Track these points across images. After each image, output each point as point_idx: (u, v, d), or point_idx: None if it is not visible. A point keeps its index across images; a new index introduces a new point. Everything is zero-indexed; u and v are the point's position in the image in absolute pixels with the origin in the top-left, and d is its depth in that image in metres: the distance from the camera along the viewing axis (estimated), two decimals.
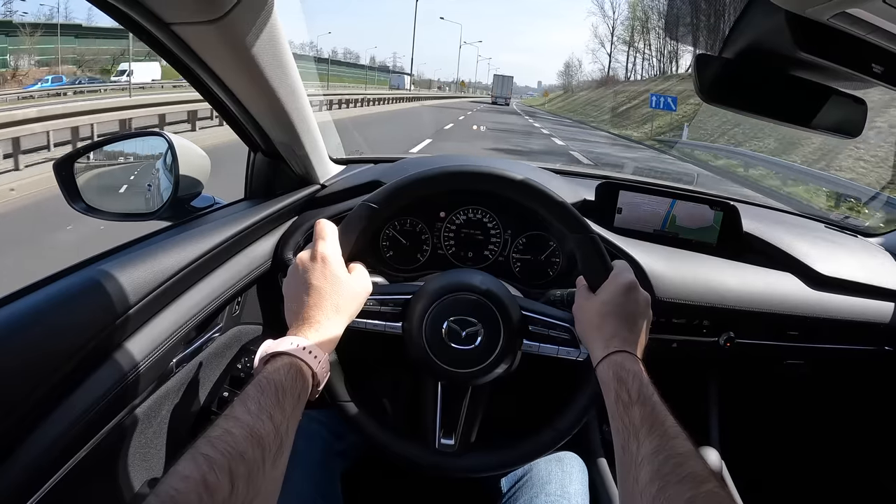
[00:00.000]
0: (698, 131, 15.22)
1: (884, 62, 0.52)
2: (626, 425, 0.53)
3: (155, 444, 0.75)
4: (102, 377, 0.58)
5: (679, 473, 0.45)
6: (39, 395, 0.50)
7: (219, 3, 0.56)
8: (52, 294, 0.56)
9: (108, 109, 7.56)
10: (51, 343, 0.52)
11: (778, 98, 0.64)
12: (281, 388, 0.50)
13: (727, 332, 0.97)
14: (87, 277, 0.58)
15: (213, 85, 0.74)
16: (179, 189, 0.89)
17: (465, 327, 0.70)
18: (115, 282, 0.59)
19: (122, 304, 0.60)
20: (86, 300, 0.56)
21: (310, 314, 0.60)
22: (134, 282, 0.62)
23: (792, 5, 0.47)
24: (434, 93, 50.66)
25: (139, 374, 0.62)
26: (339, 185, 1.07)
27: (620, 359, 0.60)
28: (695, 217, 1.03)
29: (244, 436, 0.44)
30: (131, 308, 0.61)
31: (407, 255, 0.99)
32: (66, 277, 0.59)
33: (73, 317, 0.55)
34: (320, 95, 10.85)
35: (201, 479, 0.39)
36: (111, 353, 0.60)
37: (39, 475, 0.51)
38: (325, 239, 0.65)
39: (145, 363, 0.63)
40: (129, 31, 0.62)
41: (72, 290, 0.57)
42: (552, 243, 0.98)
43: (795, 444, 1.29)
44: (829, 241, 1.13)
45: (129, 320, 0.61)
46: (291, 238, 0.94)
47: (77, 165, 0.88)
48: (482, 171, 0.74)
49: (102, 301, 0.58)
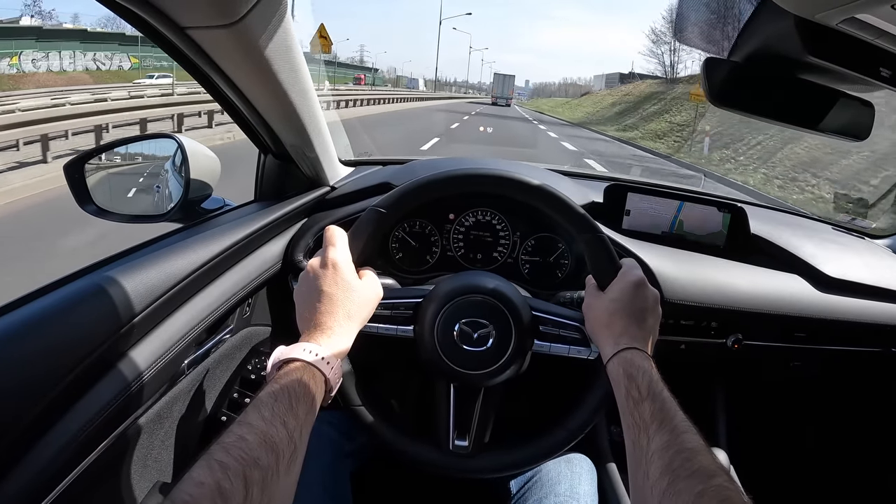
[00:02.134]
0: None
1: (892, 66, 0.53)
2: (636, 421, 0.54)
3: (166, 445, 0.76)
4: (115, 379, 0.58)
5: (689, 468, 0.46)
6: (54, 396, 0.51)
7: (234, 7, 0.56)
8: (66, 296, 0.57)
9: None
10: (65, 346, 0.53)
11: (786, 101, 0.65)
12: (294, 395, 0.51)
13: (735, 334, 0.97)
14: (99, 280, 0.59)
15: (225, 88, 0.74)
16: (190, 191, 0.90)
17: (477, 329, 0.71)
18: (128, 284, 0.60)
19: (135, 307, 0.60)
20: (98, 303, 0.57)
21: (322, 321, 0.61)
22: (147, 284, 0.62)
23: (801, 10, 0.48)
24: (419, 93, 44.42)
25: (151, 376, 0.63)
26: (348, 187, 1.07)
27: (630, 355, 0.61)
28: (703, 219, 1.04)
29: (258, 442, 0.44)
30: (144, 310, 0.61)
31: (416, 257, 1.00)
32: (79, 279, 0.60)
33: (87, 319, 0.56)
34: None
35: (216, 486, 0.39)
36: (124, 355, 0.60)
37: (50, 479, 0.51)
38: (336, 245, 0.65)
39: (157, 365, 0.64)
40: (143, 35, 0.63)
41: (85, 292, 0.57)
42: (561, 245, 0.98)
43: (803, 446, 1.29)
44: (837, 243, 1.13)
45: (142, 322, 0.62)
46: (301, 240, 0.94)
47: (87, 167, 0.89)
48: (490, 174, 0.74)
49: (115, 303, 0.58)
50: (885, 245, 1.20)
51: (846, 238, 1.21)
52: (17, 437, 0.48)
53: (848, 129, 0.67)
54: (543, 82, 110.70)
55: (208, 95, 0.81)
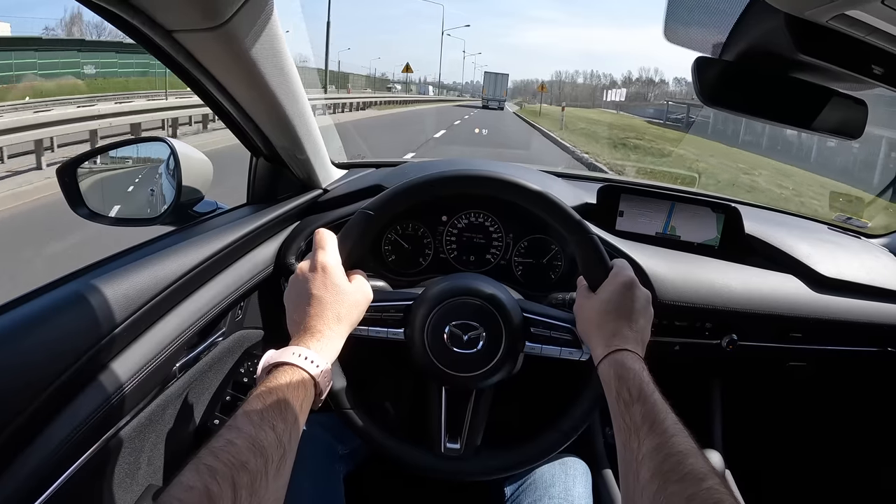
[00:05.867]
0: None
1: (883, 63, 0.52)
2: (627, 424, 0.54)
3: (157, 448, 0.75)
4: (106, 382, 0.58)
5: (679, 471, 0.46)
6: (44, 399, 0.51)
7: (220, 10, 0.57)
8: (56, 299, 0.56)
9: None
10: (56, 346, 0.53)
11: (778, 100, 0.64)
12: (283, 399, 0.51)
13: (730, 335, 0.96)
14: (90, 283, 0.59)
15: (214, 91, 0.74)
16: (182, 194, 0.89)
17: (467, 331, 0.71)
18: (119, 287, 0.60)
19: (126, 309, 0.60)
20: (88, 306, 0.57)
21: (311, 324, 0.60)
22: (138, 287, 0.62)
23: (791, 7, 0.48)
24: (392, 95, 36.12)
25: (143, 379, 0.63)
26: (341, 189, 1.07)
27: (621, 357, 0.60)
28: (697, 219, 1.03)
29: (247, 446, 0.44)
30: (135, 313, 0.61)
31: (409, 259, 0.99)
32: (70, 282, 0.60)
33: (77, 322, 0.56)
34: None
35: (204, 490, 0.40)
36: (114, 358, 0.60)
37: (38, 484, 0.51)
38: (325, 248, 0.65)
39: (148, 368, 0.63)
40: (131, 39, 0.62)
41: (75, 295, 0.57)
42: (554, 247, 0.98)
43: (798, 446, 1.28)
44: (832, 243, 1.13)
45: (133, 325, 0.61)
46: (294, 243, 0.94)
47: (80, 171, 0.89)
48: (479, 175, 0.74)
49: (106, 306, 0.58)
50: (881, 244, 1.20)
51: (842, 237, 1.21)
52: (5, 440, 0.48)
53: (841, 128, 0.66)
54: (525, 79, 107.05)
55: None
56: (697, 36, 0.64)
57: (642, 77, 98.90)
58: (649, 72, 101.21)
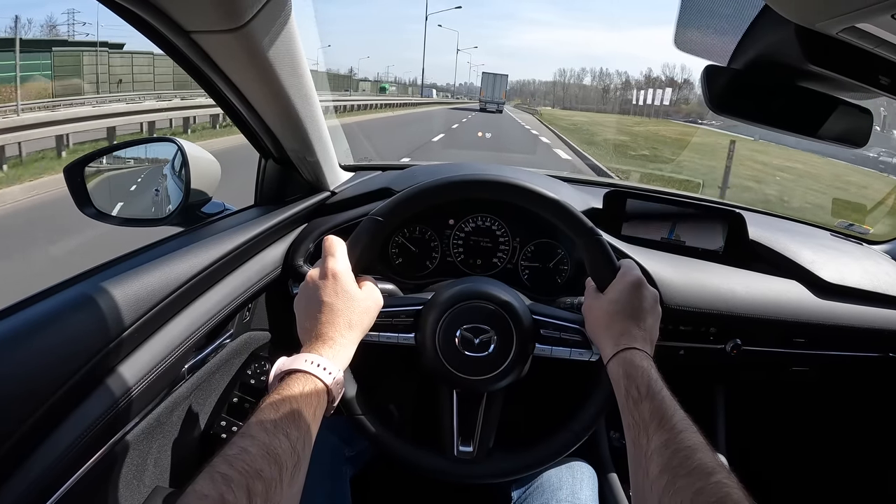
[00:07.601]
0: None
1: (891, 74, 0.53)
2: (636, 420, 0.54)
3: (165, 449, 0.75)
4: (115, 384, 0.58)
5: (687, 466, 0.47)
6: (52, 404, 0.51)
7: (240, 12, 0.57)
8: (65, 301, 0.56)
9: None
10: (65, 349, 0.53)
11: (786, 108, 0.65)
12: (297, 406, 0.51)
13: (734, 340, 0.97)
14: (99, 284, 0.59)
15: (228, 92, 0.74)
16: (190, 195, 0.90)
17: (478, 335, 0.71)
18: (129, 288, 0.60)
19: (135, 311, 0.60)
20: (98, 307, 0.57)
21: (323, 331, 0.60)
22: (147, 288, 0.62)
23: (802, 19, 0.48)
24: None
25: (151, 381, 0.63)
26: (348, 192, 1.07)
27: (630, 355, 0.61)
28: (702, 225, 1.04)
29: (261, 454, 0.44)
30: (144, 315, 0.61)
31: (416, 263, 1.00)
32: (79, 283, 0.60)
33: (87, 323, 0.56)
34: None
35: (219, 498, 0.39)
36: (124, 360, 0.60)
37: (49, 485, 0.51)
38: (335, 255, 0.65)
39: (157, 370, 0.63)
40: (147, 38, 0.63)
41: (84, 296, 0.57)
42: (560, 251, 0.98)
43: (801, 451, 1.29)
44: (835, 249, 1.14)
45: (142, 327, 0.61)
46: (302, 245, 0.94)
47: (88, 170, 0.89)
48: (487, 180, 0.75)
49: (115, 307, 0.58)
50: (883, 251, 1.21)
51: (844, 244, 1.22)
52: (14, 444, 0.48)
53: (846, 136, 0.67)
54: (522, 80, 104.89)
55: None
56: (707, 44, 0.65)
57: (676, 77, 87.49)
58: (674, 69, 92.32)
